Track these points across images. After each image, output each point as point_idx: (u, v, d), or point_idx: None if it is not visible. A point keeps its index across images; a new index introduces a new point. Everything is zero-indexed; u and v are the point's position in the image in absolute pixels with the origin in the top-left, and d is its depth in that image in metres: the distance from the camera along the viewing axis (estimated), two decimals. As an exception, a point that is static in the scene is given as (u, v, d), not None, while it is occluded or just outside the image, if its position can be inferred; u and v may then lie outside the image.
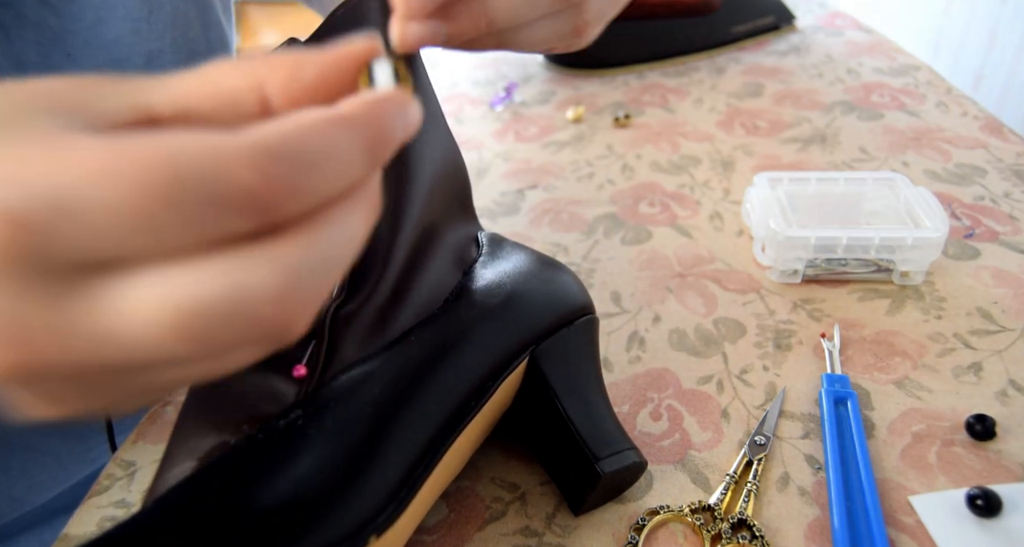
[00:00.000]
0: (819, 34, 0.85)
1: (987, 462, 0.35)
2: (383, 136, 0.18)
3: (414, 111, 0.20)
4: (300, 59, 0.19)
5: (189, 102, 0.19)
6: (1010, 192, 0.53)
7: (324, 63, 0.19)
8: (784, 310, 0.45)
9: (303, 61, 0.19)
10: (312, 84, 0.19)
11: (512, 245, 0.38)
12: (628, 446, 0.33)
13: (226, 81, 0.19)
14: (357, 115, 0.18)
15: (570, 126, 0.71)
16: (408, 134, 0.19)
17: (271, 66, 0.19)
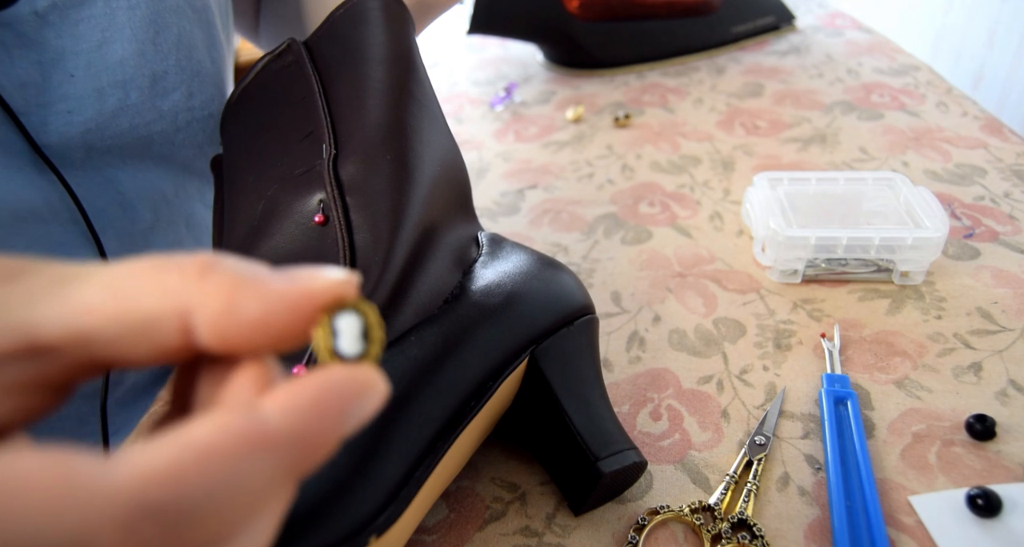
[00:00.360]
0: (819, 34, 0.85)
1: (987, 462, 0.35)
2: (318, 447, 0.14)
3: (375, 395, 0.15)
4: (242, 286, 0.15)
5: (90, 323, 0.14)
6: (1010, 192, 0.53)
7: (273, 300, 0.15)
8: (784, 310, 0.45)
9: (246, 290, 0.15)
10: (252, 324, 0.15)
11: (512, 245, 0.38)
12: (628, 446, 0.33)
13: (143, 300, 0.15)
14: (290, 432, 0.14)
15: (570, 126, 0.71)
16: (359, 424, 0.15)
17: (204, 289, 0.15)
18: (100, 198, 0.42)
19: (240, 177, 0.35)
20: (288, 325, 0.15)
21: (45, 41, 0.36)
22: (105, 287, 0.15)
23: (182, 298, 0.15)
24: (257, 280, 0.15)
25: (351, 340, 0.16)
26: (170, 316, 0.15)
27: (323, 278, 0.15)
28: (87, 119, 0.38)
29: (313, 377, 0.15)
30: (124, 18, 0.38)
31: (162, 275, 0.15)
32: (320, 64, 0.35)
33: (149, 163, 0.43)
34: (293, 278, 0.15)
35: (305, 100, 0.34)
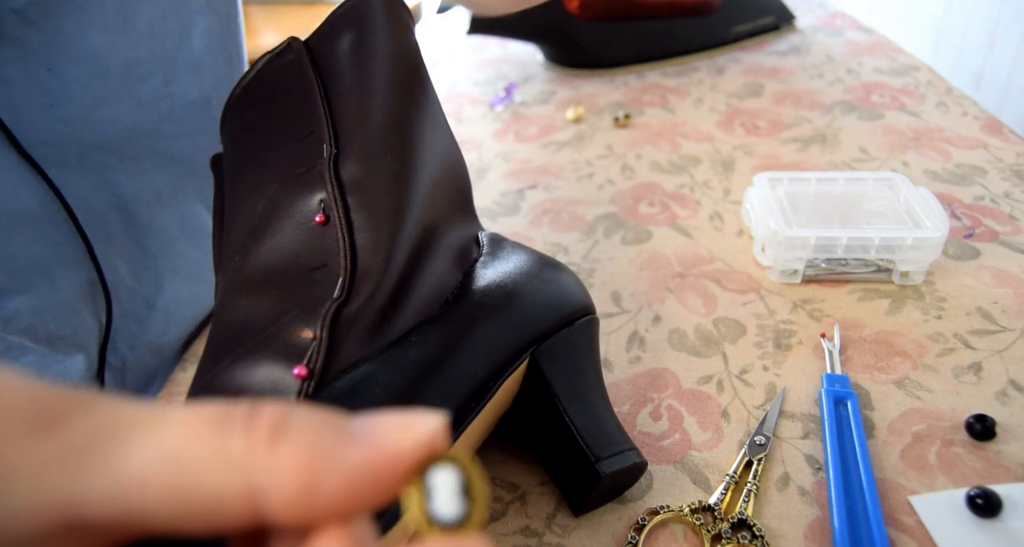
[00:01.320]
0: (819, 34, 0.85)
1: (987, 462, 0.35)
2: None
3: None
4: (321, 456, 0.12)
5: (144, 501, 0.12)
6: (1010, 192, 0.53)
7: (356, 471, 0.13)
8: (784, 310, 0.45)
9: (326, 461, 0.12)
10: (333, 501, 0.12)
11: (512, 245, 0.38)
12: (628, 447, 0.33)
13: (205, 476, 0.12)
14: None
15: (570, 126, 0.71)
16: None
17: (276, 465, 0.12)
18: (96, 199, 0.42)
19: (240, 176, 0.35)
20: (375, 493, 0.13)
21: (26, 38, 0.36)
22: (160, 454, 0.12)
23: (251, 474, 0.12)
24: (336, 445, 0.13)
25: (449, 500, 0.13)
26: (237, 496, 0.12)
27: (410, 434, 0.13)
28: (72, 113, 0.39)
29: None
30: (95, 8, 0.38)
31: (225, 440, 0.12)
32: (321, 63, 0.35)
33: (147, 163, 0.43)
34: (377, 439, 0.13)
35: (305, 99, 0.34)
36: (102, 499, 0.12)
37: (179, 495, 0.12)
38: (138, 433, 0.12)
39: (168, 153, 0.44)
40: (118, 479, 0.12)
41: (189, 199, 0.48)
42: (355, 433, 0.13)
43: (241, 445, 0.12)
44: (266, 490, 0.12)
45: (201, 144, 0.46)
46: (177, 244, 0.48)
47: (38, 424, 0.12)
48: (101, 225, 0.42)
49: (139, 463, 0.12)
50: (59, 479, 0.12)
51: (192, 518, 0.12)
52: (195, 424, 0.13)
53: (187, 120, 0.44)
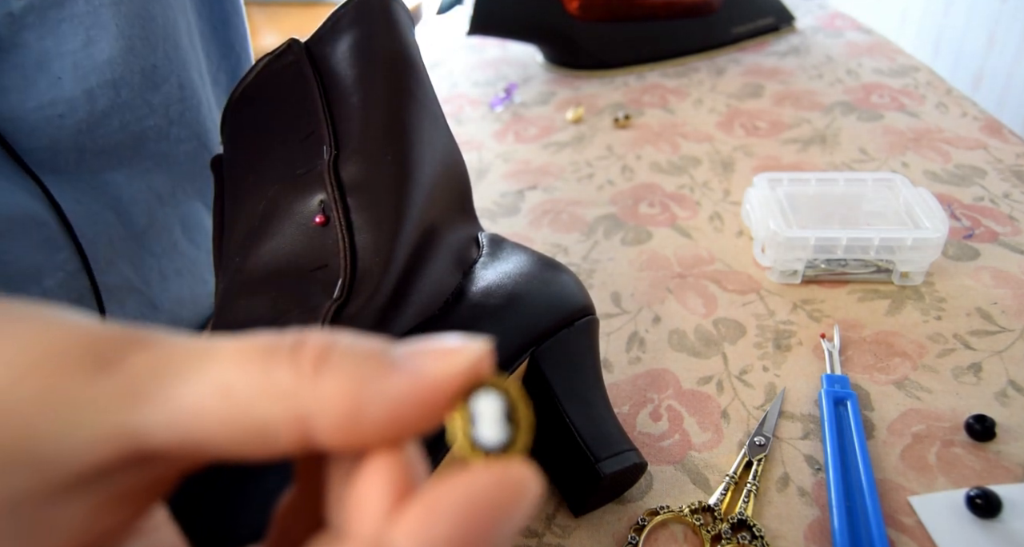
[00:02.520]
0: (819, 35, 0.85)
1: (987, 462, 0.35)
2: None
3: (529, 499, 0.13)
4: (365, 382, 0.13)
5: (201, 429, 0.13)
6: (1010, 193, 0.54)
7: (401, 396, 0.13)
8: (784, 311, 0.45)
9: (370, 388, 0.13)
10: (378, 426, 0.13)
11: (512, 246, 0.38)
12: (628, 447, 0.33)
13: (257, 404, 0.13)
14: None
15: (570, 127, 0.71)
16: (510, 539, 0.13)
17: (322, 390, 0.13)
18: (95, 202, 0.41)
19: (240, 177, 0.35)
20: (419, 419, 0.13)
21: (26, 44, 0.35)
22: (214, 386, 0.13)
23: (298, 402, 0.13)
24: (379, 373, 0.13)
25: (493, 426, 0.13)
26: (286, 423, 0.13)
27: (454, 361, 0.13)
28: (79, 121, 0.38)
29: (453, 488, 0.12)
30: (109, 15, 0.37)
31: (273, 370, 0.13)
32: (320, 64, 0.35)
33: (147, 163, 0.43)
34: (420, 365, 0.13)
35: (305, 100, 0.34)
36: (162, 430, 0.13)
37: (232, 424, 0.13)
38: (191, 367, 0.13)
39: (172, 154, 0.44)
40: (175, 411, 0.13)
41: (189, 198, 0.48)
42: (398, 361, 0.13)
43: (287, 376, 0.13)
44: (313, 418, 0.13)
45: (207, 145, 0.46)
46: (179, 244, 0.48)
47: (99, 362, 0.13)
48: (102, 227, 0.42)
49: (194, 396, 0.13)
50: (121, 413, 0.13)
51: (246, 445, 0.13)
52: (244, 357, 0.13)
53: (195, 122, 0.44)
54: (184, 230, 0.48)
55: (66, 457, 0.12)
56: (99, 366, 0.13)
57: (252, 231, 0.33)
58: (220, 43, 0.49)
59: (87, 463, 0.12)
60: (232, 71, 0.51)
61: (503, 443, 0.14)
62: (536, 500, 0.13)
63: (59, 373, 0.13)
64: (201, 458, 0.14)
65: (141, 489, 0.14)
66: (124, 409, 0.13)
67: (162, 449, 0.13)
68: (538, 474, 0.13)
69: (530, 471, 0.13)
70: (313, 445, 0.13)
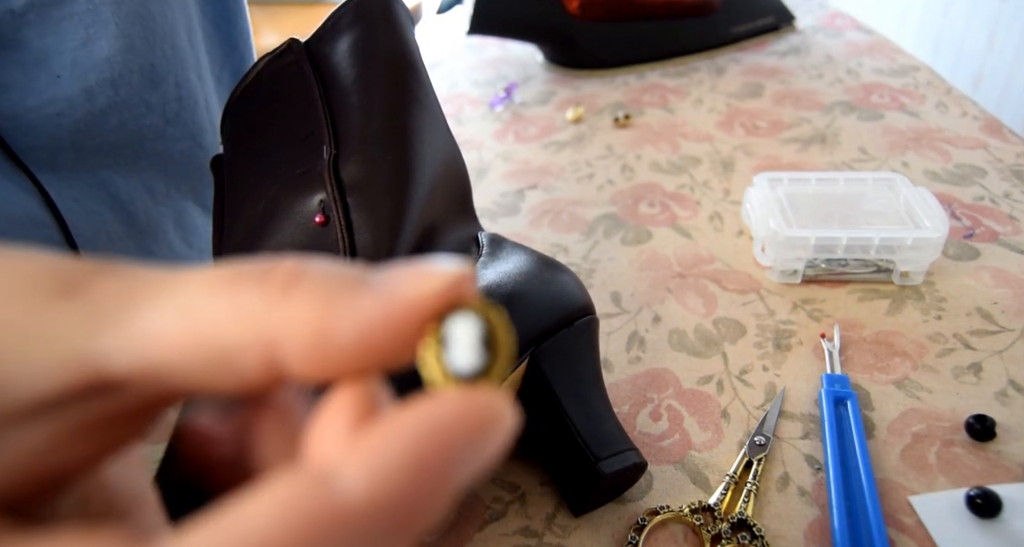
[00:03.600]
0: (819, 34, 0.85)
1: (987, 462, 0.35)
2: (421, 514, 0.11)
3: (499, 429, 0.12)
4: (334, 304, 0.12)
5: (163, 355, 0.12)
6: (1010, 192, 0.53)
7: (371, 318, 0.12)
8: (784, 310, 0.45)
9: (339, 310, 0.12)
10: (348, 350, 0.12)
11: (512, 245, 0.38)
12: (628, 447, 0.33)
13: (221, 329, 0.12)
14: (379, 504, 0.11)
15: (570, 126, 0.71)
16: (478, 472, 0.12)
17: (289, 312, 0.12)
18: (92, 200, 0.41)
19: (240, 177, 0.35)
20: (392, 345, 0.12)
21: (26, 41, 0.35)
22: (178, 311, 0.12)
23: (265, 326, 0.12)
24: (350, 295, 0.12)
25: (467, 350, 0.12)
26: (253, 348, 0.12)
27: (430, 281, 0.12)
28: (77, 119, 0.38)
29: (412, 414, 0.11)
30: (109, 13, 0.37)
31: (241, 294, 0.12)
32: (320, 64, 0.35)
33: (144, 163, 0.43)
34: (393, 285, 0.12)
35: (305, 100, 0.34)
36: (121, 355, 0.12)
37: (196, 350, 0.12)
38: (158, 293, 0.12)
39: (168, 154, 0.44)
40: (137, 336, 0.12)
41: (182, 197, 0.48)
42: (371, 283, 0.12)
43: (255, 298, 0.12)
44: (280, 341, 0.12)
45: (202, 144, 0.46)
46: (173, 244, 0.48)
47: (62, 289, 0.12)
48: (100, 226, 0.42)
49: (157, 320, 0.12)
50: (80, 338, 0.12)
51: (211, 374, 0.12)
52: (212, 281, 0.12)
53: (191, 122, 0.44)
54: (177, 229, 0.48)
55: (21, 381, 0.12)
56: (62, 292, 0.12)
57: (252, 231, 0.33)
58: (224, 41, 0.49)
59: (44, 389, 0.12)
60: (236, 69, 0.51)
61: (477, 369, 0.12)
62: (508, 433, 0.12)
63: (18, 297, 0.12)
64: (167, 390, 0.13)
65: (104, 421, 0.13)
66: (84, 334, 0.12)
67: (123, 376, 0.12)
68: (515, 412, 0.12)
69: (503, 400, 0.12)
70: (281, 374, 0.12)
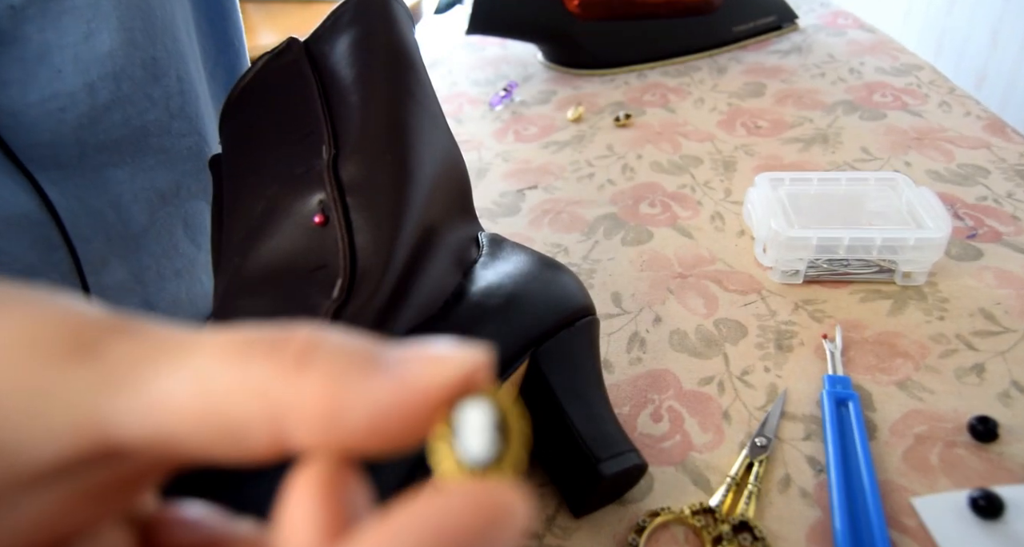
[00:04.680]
0: (821, 33, 0.85)
1: (989, 464, 0.34)
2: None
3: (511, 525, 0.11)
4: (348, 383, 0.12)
5: (173, 426, 0.12)
6: (1013, 192, 0.53)
7: (384, 402, 0.12)
8: (785, 311, 0.45)
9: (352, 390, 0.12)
10: (358, 431, 0.12)
11: (512, 246, 0.38)
12: (629, 448, 0.33)
13: (233, 403, 0.12)
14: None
15: (570, 126, 0.71)
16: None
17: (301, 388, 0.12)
18: (96, 200, 0.41)
19: (239, 176, 0.35)
20: (402, 429, 0.12)
21: (26, 36, 0.35)
22: (190, 379, 0.12)
23: (276, 402, 0.12)
24: (363, 376, 0.12)
25: (480, 441, 0.12)
26: (262, 422, 0.12)
27: (445, 368, 0.12)
28: (80, 115, 0.38)
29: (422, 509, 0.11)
30: (109, 6, 0.37)
31: (254, 365, 0.12)
32: (320, 63, 0.35)
33: (150, 160, 0.43)
34: (408, 370, 0.12)
35: (304, 99, 0.34)
36: (132, 422, 0.12)
37: (205, 421, 0.12)
38: (172, 359, 0.12)
39: (175, 150, 0.44)
40: (149, 403, 0.12)
41: (193, 197, 0.48)
42: (386, 364, 0.12)
43: (267, 371, 0.12)
44: (288, 418, 0.12)
45: (207, 140, 0.45)
46: (180, 245, 0.48)
47: (75, 349, 0.12)
48: (101, 226, 0.42)
49: (170, 388, 0.12)
50: (92, 403, 0.12)
51: (219, 446, 0.12)
52: (225, 349, 0.12)
53: (195, 117, 0.44)
54: (187, 230, 0.48)
55: (28, 446, 0.11)
56: (76, 352, 0.12)
57: (251, 231, 0.33)
58: (218, 38, 0.49)
59: (51, 456, 0.12)
60: (230, 66, 0.51)
61: (490, 459, 0.12)
62: (523, 526, 0.12)
63: (31, 358, 0.12)
64: (173, 458, 0.13)
65: (110, 488, 0.13)
66: (95, 398, 0.12)
67: (131, 444, 0.12)
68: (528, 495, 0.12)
69: (517, 492, 0.12)
70: (286, 447, 0.12)
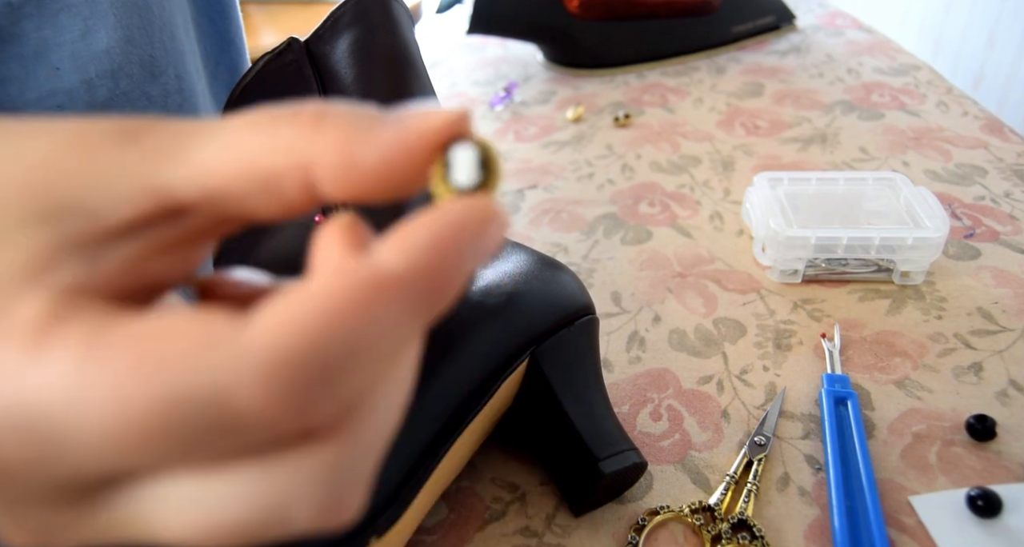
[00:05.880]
0: (819, 34, 0.85)
1: (987, 462, 0.35)
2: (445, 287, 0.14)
3: (497, 225, 0.15)
4: (358, 134, 0.15)
5: (219, 182, 0.15)
6: (1011, 192, 0.53)
7: (389, 146, 0.15)
8: (784, 310, 0.45)
9: (362, 139, 0.15)
10: (372, 172, 0.15)
11: (512, 245, 0.38)
12: (629, 447, 0.33)
13: (264, 157, 0.15)
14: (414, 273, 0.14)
15: (570, 126, 0.71)
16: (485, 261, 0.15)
17: (320, 141, 0.15)
18: None
19: (240, 176, 0.35)
20: (407, 168, 0.15)
21: (24, 34, 0.35)
22: (227, 145, 0.15)
23: (300, 153, 0.15)
24: (371, 127, 0.15)
25: (466, 171, 0.15)
26: (292, 172, 0.15)
27: (436, 117, 0.15)
28: (78, 112, 0.38)
29: (428, 214, 0.14)
30: (107, 4, 0.37)
31: (278, 129, 0.15)
32: (320, 63, 0.35)
33: None
34: (406, 121, 0.15)
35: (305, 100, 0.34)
36: (185, 185, 0.15)
37: (244, 176, 0.15)
38: (207, 134, 0.15)
39: None
40: (195, 168, 0.15)
41: None
42: (388, 118, 0.15)
43: (290, 131, 0.15)
44: (313, 166, 0.15)
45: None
46: None
47: (125, 137, 0.15)
48: None
49: (211, 154, 0.15)
50: (149, 171, 0.15)
51: (259, 197, 0.15)
52: (251, 122, 0.15)
53: (194, 115, 0.44)
54: None
55: (107, 210, 0.15)
56: (126, 138, 0.15)
57: (252, 230, 0.33)
58: (219, 37, 0.49)
59: (125, 214, 0.15)
60: (232, 66, 0.51)
61: (476, 184, 0.15)
62: (504, 228, 0.15)
63: (95, 146, 0.15)
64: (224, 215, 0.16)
65: (176, 243, 0.16)
66: (150, 170, 0.15)
67: (188, 202, 0.15)
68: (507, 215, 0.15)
69: (498, 205, 0.15)
70: (316, 195, 0.15)
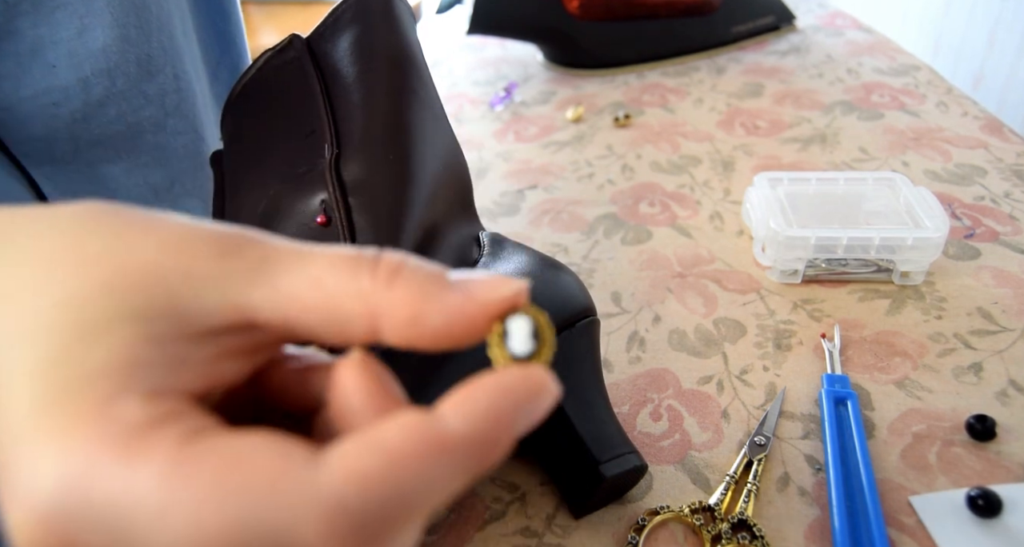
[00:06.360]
0: (819, 34, 0.85)
1: (987, 462, 0.35)
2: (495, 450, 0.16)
3: (547, 396, 0.17)
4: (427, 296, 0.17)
5: (296, 312, 0.17)
6: (1010, 192, 0.53)
7: (454, 311, 0.17)
8: (784, 310, 0.45)
9: (430, 301, 0.17)
10: (433, 333, 0.17)
11: (513, 245, 0.38)
12: (629, 449, 0.33)
13: (340, 300, 0.17)
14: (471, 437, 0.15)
15: (570, 126, 0.71)
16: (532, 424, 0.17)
17: (392, 297, 0.16)
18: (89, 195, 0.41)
19: (241, 175, 0.35)
20: (466, 332, 0.17)
21: (20, 31, 0.35)
22: (310, 280, 0.17)
23: (373, 304, 0.16)
24: (440, 292, 0.17)
25: (522, 341, 0.17)
26: (362, 317, 0.17)
27: (499, 291, 0.17)
28: (74, 110, 0.38)
29: (488, 380, 0.16)
30: (103, 3, 0.37)
31: (357, 275, 0.17)
32: (322, 61, 0.35)
33: (145, 157, 0.43)
34: (472, 291, 0.17)
35: (307, 97, 0.34)
36: (267, 306, 0.17)
37: (320, 311, 0.17)
38: (293, 263, 0.17)
39: (170, 147, 0.44)
40: (279, 293, 0.17)
41: (186, 194, 0.48)
42: (454, 284, 0.17)
43: (367, 280, 0.17)
44: (382, 316, 0.17)
45: (204, 138, 0.45)
46: None
47: (223, 250, 0.17)
48: None
49: (295, 285, 0.17)
50: (240, 289, 0.16)
51: (328, 329, 0.17)
52: (334, 261, 0.17)
53: (192, 115, 0.44)
54: None
55: (197, 317, 0.16)
56: (223, 253, 0.17)
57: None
58: (220, 36, 0.49)
59: (211, 322, 0.16)
60: (233, 66, 0.51)
61: (530, 353, 0.17)
62: (553, 398, 0.17)
63: (195, 255, 0.17)
64: (292, 336, 0.17)
65: (246, 350, 0.18)
66: (241, 288, 0.16)
67: (264, 322, 0.17)
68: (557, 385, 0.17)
69: (549, 376, 0.17)
70: (378, 339, 0.17)
